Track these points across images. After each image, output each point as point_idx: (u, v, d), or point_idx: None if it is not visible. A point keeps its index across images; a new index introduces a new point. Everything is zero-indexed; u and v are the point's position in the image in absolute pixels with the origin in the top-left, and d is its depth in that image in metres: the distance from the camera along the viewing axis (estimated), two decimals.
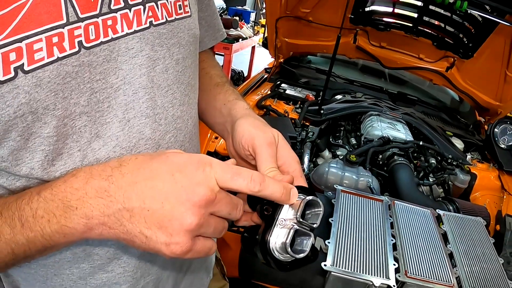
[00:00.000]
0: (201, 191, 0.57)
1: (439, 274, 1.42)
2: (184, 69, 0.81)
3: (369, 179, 2.12)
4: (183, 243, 0.57)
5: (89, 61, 0.61)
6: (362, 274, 1.36)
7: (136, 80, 0.70)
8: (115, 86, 0.67)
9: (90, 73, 0.62)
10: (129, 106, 0.69)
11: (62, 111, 0.60)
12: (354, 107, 2.92)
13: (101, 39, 0.62)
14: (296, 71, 3.70)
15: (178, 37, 0.78)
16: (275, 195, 0.62)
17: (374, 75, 3.85)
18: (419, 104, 3.45)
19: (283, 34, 3.39)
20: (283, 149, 0.80)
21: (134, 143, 0.72)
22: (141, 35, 0.69)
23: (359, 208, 1.71)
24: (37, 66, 0.55)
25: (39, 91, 0.56)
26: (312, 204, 0.69)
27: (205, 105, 1.01)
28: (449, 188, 2.37)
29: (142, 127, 0.72)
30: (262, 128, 0.80)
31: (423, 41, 3.15)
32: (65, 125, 0.61)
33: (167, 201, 0.56)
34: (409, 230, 1.63)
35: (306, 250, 0.67)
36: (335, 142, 2.63)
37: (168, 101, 0.77)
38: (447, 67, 3.18)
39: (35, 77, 0.55)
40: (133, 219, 0.57)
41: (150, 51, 0.71)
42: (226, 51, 6.47)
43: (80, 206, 0.57)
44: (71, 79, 0.59)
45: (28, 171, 0.61)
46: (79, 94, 0.61)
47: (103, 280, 0.79)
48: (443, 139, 2.68)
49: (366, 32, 3.28)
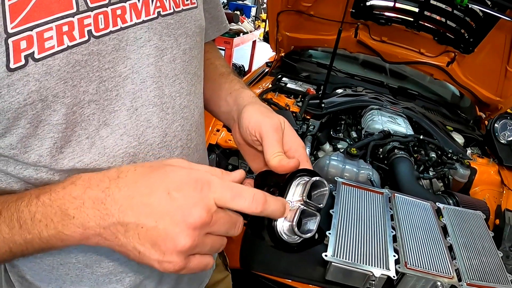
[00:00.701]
0: (197, 212, 0.55)
1: (438, 266, 1.43)
2: (191, 59, 0.82)
3: (369, 172, 2.12)
4: (175, 262, 0.57)
5: (98, 50, 0.62)
6: (362, 265, 1.37)
7: (144, 69, 0.70)
8: (123, 75, 0.67)
9: (99, 62, 0.63)
10: (137, 95, 0.70)
11: (71, 99, 0.60)
12: (355, 101, 2.92)
13: (110, 29, 0.63)
14: (297, 65, 3.70)
15: (185, 28, 0.78)
16: (275, 213, 0.62)
17: (375, 69, 3.85)
18: (420, 98, 3.44)
19: (284, 28, 3.38)
20: (289, 135, 0.80)
21: (142, 132, 0.72)
22: (149, 25, 0.70)
23: (360, 200, 1.72)
24: (48, 54, 0.55)
25: (49, 79, 0.56)
26: (317, 185, 0.70)
27: (210, 95, 1.01)
28: (449, 182, 2.37)
29: (149, 116, 0.73)
30: (269, 114, 0.81)
31: (424, 36, 3.14)
32: (74, 112, 0.62)
33: (161, 220, 0.56)
34: (409, 222, 1.64)
35: (313, 230, 0.68)
36: (336, 135, 2.63)
37: (175, 91, 0.78)
38: (447, 62, 3.18)
39: (45, 65, 0.55)
40: (128, 234, 0.57)
41: (158, 41, 0.72)
42: (227, 46, 6.45)
43: (77, 215, 0.57)
44: (81, 67, 0.60)
45: (37, 158, 0.62)
46: (88, 82, 0.62)
47: (109, 268, 0.80)
48: (443, 134, 2.68)
49: (367, 26, 3.28)
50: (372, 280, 1.37)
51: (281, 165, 0.71)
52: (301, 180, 0.71)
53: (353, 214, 1.61)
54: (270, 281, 1.57)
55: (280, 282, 1.55)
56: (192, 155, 0.87)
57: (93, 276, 0.80)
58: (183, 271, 0.58)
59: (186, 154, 0.84)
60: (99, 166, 0.68)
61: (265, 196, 0.60)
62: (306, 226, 0.70)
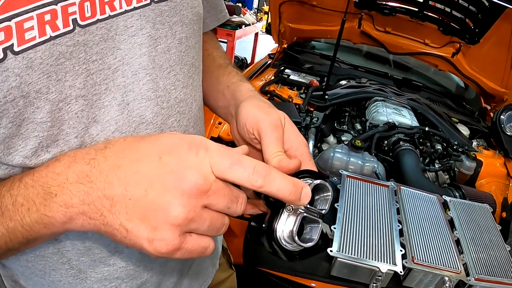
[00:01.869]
0: (192, 177, 0.49)
1: (446, 260, 1.40)
2: (187, 49, 0.76)
3: (374, 164, 2.10)
4: (169, 239, 0.50)
5: (84, 41, 0.57)
6: (368, 260, 1.34)
7: (136, 60, 0.65)
8: (113, 67, 0.62)
9: (85, 53, 0.57)
10: (128, 88, 0.65)
11: (56, 95, 0.55)
12: (359, 92, 2.89)
13: (97, 17, 0.58)
14: (300, 57, 3.66)
15: (181, 15, 0.73)
16: (282, 192, 0.53)
17: (379, 61, 3.81)
18: (424, 90, 3.41)
19: (286, 19, 3.35)
20: (290, 132, 0.75)
21: (134, 128, 0.67)
22: (141, 12, 0.64)
23: (365, 193, 1.69)
24: (28, 46, 0.50)
25: (31, 73, 0.52)
26: (320, 188, 0.66)
27: (208, 88, 0.97)
28: (454, 174, 2.35)
29: (142, 111, 0.68)
30: (268, 110, 0.76)
31: (428, 26, 3.10)
32: (60, 109, 0.57)
33: (151, 187, 0.49)
34: (415, 216, 1.62)
35: (315, 239, 0.64)
36: (340, 127, 2.60)
37: (170, 83, 0.72)
38: (452, 53, 3.14)
39: (25, 59, 0.51)
40: (114, 209, 0.50)
41: (151, 30, 0.67)
42: (229, 38, 6.39)
43: (59, 192, 0.51)
44: (65, 59, 0.55)
45: (21, 160, 0.57)
46: (74, 76, 0.57)
47: (104, 274, 0.76)
48: (448, 125, 2.66)
49: (371, 16, 3.24)
50: (378, 275, 1.34)
51: (281, 166, 0.64)
52: (304, 181, 0.65)
53: (358, 208, 1.58)
54: (275, 277, 1.54)
55: (285, 278, 1.53)
56: None
57: (87, 283, 0.75)
58: (177, 253, 0.51)
59: None
60: None
61: (269, 168, 0.53)
62: (309, 233, 0.66)
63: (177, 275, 0.92)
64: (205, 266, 1.06)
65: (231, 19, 6.63)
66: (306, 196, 0.56)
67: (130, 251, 0.76)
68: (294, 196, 0.54)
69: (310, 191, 0.57)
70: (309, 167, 0.70)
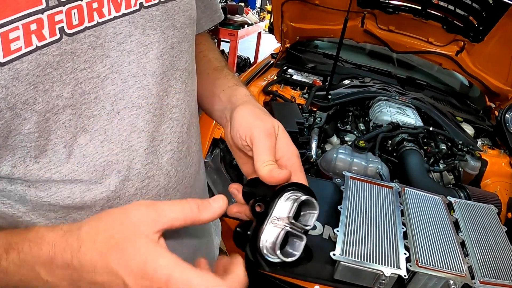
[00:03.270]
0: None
1: (450, 263, 1.38)
2: (179, 54, 0.75)
3: (378, 165, 2.08)
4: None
5: (72, 49, 0.55)
6: (372, 264, 1.32)
7: (125, 68, 0.64)
8: (102, 75, 0.61)
9: (73, 62, 0.56)
10: (118, 96, 0.64)
11: (43, 105, 0.54)
12: (363, 92, 2.87)
13: (85, 24, 0.56)
14: (302, 56, 3.64)
15: (173, 19, 0.71)
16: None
17: (382, 59, 3.79)
18: (428, 89, 3.38)
19: (289, 18, 3.32)
20: (283, 141, 0.74)
21: (125, 137, 0.66)
22: (130, 19, 0.63)
23: (369, 195, 1.67)
24: (14, 57, 0.49)
25: (17, 84, 0.50)
26: (307, 204, 0.66)
27: (203, 91, 0.95)
28: (459, 174, 2.33)
29: (133, 119, 0.67)
30: (262, 117, 0.75)
31: (432, 24, 3.06)
32: (47, 120, 0.56)
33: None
34: (420, 217, 1.59)
35: (297, 254, 0.64)
36: (343, 127, 2.59)
37: (162, 89, 0.71)
38: (456, 51, 3.11)
39: (12, 70, 0.49)
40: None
41: (140, 36, 0.65)
42: (232, 38, 6.37)
43: (50, 280, 0.56)
44: (52, 69, 0.54)
45: (9, 170, 0.56)
46: (62, 85, 0.56)
47: None
48: (453, 125, 2.64)
49: (374, 15, 3.21)
50: (382, 279, 1.32)
51: (271, 176, 0.65)
52: (292, 195, 0.65)
53: (362, 210, 1.56)
54: (277, 280, 1.53)
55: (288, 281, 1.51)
56: (184, 159, 0.81)
57: None
58: None
59: (177, 158, 0.78)
60: (79, 177, 0.62)
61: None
62: (292, 247, 0.66)
63: None
64: None
65: (233, 18, 6.62)
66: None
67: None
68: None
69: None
70: (299, 179, 0.70)
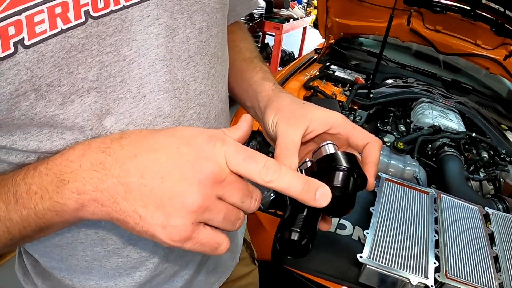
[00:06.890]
0: (208, 167, 0.50)
1: (481, 277, 1.34)
2: (208, 39, 0.74)
3: (416, 169, 2.03)
4: (182, 226, 0.49)
5: (97, 32, 0.55)
6: (399, 270, 1.30)
7: (153, 51, 0.63)
8: (128, 58, 0.61)
9: (99, 45, 0.56)
10: (145, 80, 0.63)
11: (68, 87, 0.55)
12: (405, 92, 2.81)
13: (111, 8, 0.56)
14: (346, 53, 3.59)
15: (202, 3, 0.70)
16: (292, 190, 0.52)
17: (428, 60, 3.68)
18: (474, 93, 3.27)
19: (334, 13, 3.28)
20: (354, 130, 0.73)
21: (150, 120, 0.66)
22: (157, 2, 0.62)
23: (403, 199, 1.64)
24: (39, 39, 0.50)
25: (42, 66, 0.51)
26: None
27: (233, 83, 0.95)
28: (499, 185, 2.24)
29: (159, 103, 0.66)
30: (291, 121, 0.73)
31: (481, 26, 2.94)
32: (72, 102, 0.56)
33: (168, 176, 0.50)
34: (454, 227, 1.56)
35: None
36: (383, 128, 2.54)
37: (189, 74, 0.70)
38: (505, 56, 2.98)
39: (36, 52, 0.50)
40: (128, 196, 0.50)
41: (168, 19, 0.64)
42: (277, 31, 6.31)
43: (72, 179, 0.51)
44: (77, 52, 0.54)
45: (36, 144, 0.57)
46: (87, 68, 0.56)
47: (118, 264, 0.77)
48: (497, 132, 2.54)
49: (421, 14, 3.12)
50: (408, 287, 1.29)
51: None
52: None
53: (394, 213, 1.53)
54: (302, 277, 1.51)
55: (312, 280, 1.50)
56: None
57: (102, 269, 0.77)
58: (189, 242, 0.51)
59: None
60: None
61: (280, 165, 0.52)
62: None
63: (194, 267, 0.91)
64: (224, 259, 1.05)
65: (279, 12, 6.57)
66: (323, 197, 0.53)
67: (144, 243, 0.76)
68: (306, 194, 0.52)
69: (330, 192, 0.54)
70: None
